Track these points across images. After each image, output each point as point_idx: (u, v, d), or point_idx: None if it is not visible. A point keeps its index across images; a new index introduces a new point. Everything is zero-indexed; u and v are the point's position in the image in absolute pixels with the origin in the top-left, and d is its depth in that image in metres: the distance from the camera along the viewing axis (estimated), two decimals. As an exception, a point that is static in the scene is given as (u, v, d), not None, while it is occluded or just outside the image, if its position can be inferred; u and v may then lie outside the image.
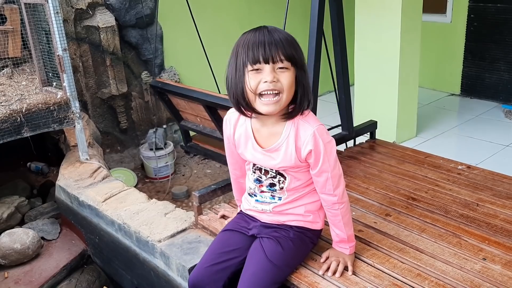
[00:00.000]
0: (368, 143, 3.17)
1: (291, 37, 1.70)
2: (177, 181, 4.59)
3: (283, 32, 1.70)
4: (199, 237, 2.34)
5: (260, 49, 1.64)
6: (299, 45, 1.71)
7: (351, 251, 1.93)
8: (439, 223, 2.20)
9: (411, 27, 4.27)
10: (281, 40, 1.65)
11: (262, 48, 1.64)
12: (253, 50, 1.64)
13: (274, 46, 1.64)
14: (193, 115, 3.81)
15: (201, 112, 3.62)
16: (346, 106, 3.05)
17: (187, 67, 4.91)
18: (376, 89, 4.54)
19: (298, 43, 1.71)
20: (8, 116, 2.95)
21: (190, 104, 3.67)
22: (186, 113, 3.84)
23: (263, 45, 1.64)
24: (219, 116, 3.31)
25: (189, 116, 3.89)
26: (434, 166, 2.76)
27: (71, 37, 4.23)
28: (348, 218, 1.88)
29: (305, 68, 1.73)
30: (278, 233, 1.90)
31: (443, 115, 5.17)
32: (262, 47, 1.64)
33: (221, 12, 5.06)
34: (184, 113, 3.83)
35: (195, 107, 3.67)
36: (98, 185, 3.03)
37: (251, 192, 1.97)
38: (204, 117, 3.55)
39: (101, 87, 4.53)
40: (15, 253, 2.92)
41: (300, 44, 1.73)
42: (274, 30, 1.68)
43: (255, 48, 1.65)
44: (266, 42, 1.64)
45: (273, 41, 1.65)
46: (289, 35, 1.70)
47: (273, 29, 1.69)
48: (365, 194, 2.50)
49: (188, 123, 3.91)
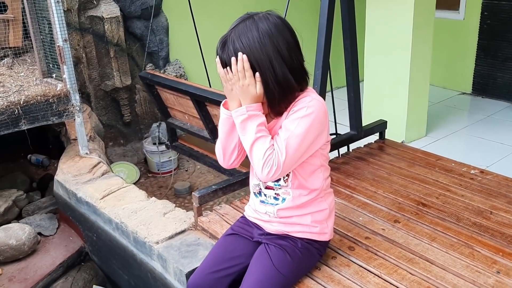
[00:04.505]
0: (377, 143, 3.06)
1: (265, 31, 1.56)
2: (180, 176, 4.50)
3: (261, 26, 1.57)
4: (198, 240, 2.25)
5: (219, 48, 1.62)
6: (280, 33, 1.58)
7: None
8: (451, 231, 2.09)
9: (423, 23, 4.14)
10: (240, 41, 1.57)
11: (221, 47, 1.61)
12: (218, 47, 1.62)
13: (227, 50, 1.60)
14: (182, 112, 3.67)
15: (190, 109, 3.47)
16: (355, 105, 2.94)
17: (193, 60, 4.78)
18: (386, 86, 4.42)
19: (279, 32, 1.58)
20: (5, 108, 2.86)
21: (179, 100, 3.52)
22: (175, 109, 3.70)
23: (223, 44, 1.61)
24: (208, 113, 3.19)
25: (177, 113, 3.75)
26: (446, 169, 2.65)
27: (74, 27, 4.14)
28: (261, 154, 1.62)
29: (274, 63, 1.57)
30: (284, 241, 1.80)
31: (453, 114, 5.04)
32: (222, 46, 1.61)
33: (227, 3, 4.93)
34: (173, 109, 3.69)
35: (184, 102, 3.52)
36: (97, 181, 2.94)
37: (256, 191, 1.86)
38: (193, 114, 3.41)
39: (105, 79, 4.44)
40: (10, 249, 2.85)
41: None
42: (253, 23, 1.58)
43: (218, 46, 1.62)
44: (227, 42, 1.60)
45: (230, 42, 1.59)
46: (267, 28, 1.57)
47: (254, 21, 1.59)
48: (373, 198, 2.39)
49: (175, 121, 3.77)
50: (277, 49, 1.58)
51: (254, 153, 1.63)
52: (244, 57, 1.56)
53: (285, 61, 1.59)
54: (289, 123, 1.62)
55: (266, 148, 1.61)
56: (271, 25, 1.59)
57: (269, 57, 1.57)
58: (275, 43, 1.57)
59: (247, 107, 1.62)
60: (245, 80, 1.59)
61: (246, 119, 1.62)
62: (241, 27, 1.59)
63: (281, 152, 1.60)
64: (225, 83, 1.66)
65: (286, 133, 1.61)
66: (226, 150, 1.79)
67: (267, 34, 1.57)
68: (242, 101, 1.63)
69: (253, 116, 1.62)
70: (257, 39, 1.57)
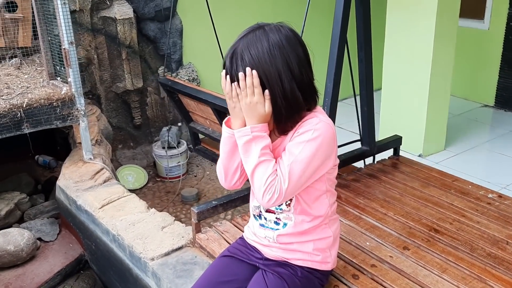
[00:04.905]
0: (390, 160, 2.91)
1: (276, 43, 1.45)
2: (189, 182, 4.41)
3: (272, 38, 1.45)
4: (195, 258, 2.14)
5: (227, 59, 1.49)
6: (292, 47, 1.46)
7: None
8: (463, 262, 1.95)
9: (446, 32, 3.98)
10: (249, 52, 1.44)
11: (229, 59, 1.48)
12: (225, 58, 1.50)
13: (235, 61, 1.47)
14: (203, 117, 3.64)
15: (210, 115, 3.44)
16: (368, 118, 2.80)
17: (206, 64, 4.70)
18: (405, 96, 4.26)
19: (290, 46, 1.46)
20: (7, 111, 2.80)
21: (200, 106, 3.48)
22: (196, 114, 3.66)
23: (231, 55, 1.48)
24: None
25: (198, 118, 3.71)
26: (462, 192, 2.49)
27: (86, 28, 4.08)
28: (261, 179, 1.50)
29: (283, 77, 1.45)
30: (283, 269, 1.68)
31: (474, 127, 4.84)
32: (230, 57, 1.48)
33: (244, 8, 4.83)
34: (194, 114, 3.64)
35: (204, 109, 3.49)
36: (98, 188, 2.85)
37: (256, 213, 1.75)
38: (213, 120, 3.36)
39: (116, 81, 4.37)
40: (8, 254, 2.79)
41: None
42: (263, 34, 1.46)
43: (226, 57, 1.49)
44: (234, 52, 1.47)
45: (238, 52, 1.46)
46: (278, 40, 1.45)
47: (265, 32, 1.46)
48: (383, 221, 2.25)
49: (197, 125, 3.73)
50: (287, 62, 1.46)
51: (256, 178, 1.51)
52: (254, 72, 1.44)
53: (294, 77, 1.47)
54: (293, 147, 1.49)
55: (269, 174, 1.48)
56: (283, 37, 1.47)
57: (278, 70, 1.45)
58: (285, 56, 1.46)
59: (251, 128, 1.49)
60: (253, 97, 1.47)
61: (250, 140, 1.50)
62: (250, 37, 1.47)
63: (284, 179, 1.48)
64: (229, 100, 1.53)
65: (290, 158, 1.48)
66: (228, 170, 1.67)
67: (278, 46, 1.45)
68: (248, 119, 1.50)
69: (258, 138, 1.50)
70: (267, 50, 1.45)
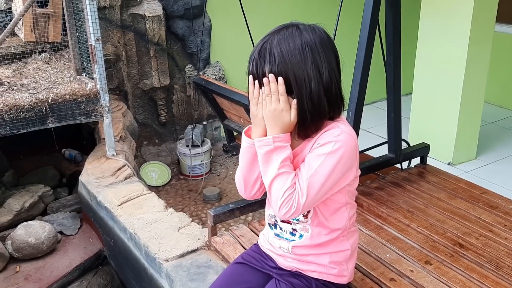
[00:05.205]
0: (417, 168, 2.82)
1: (309, 43, 1.39)
2: (211, 181, 4.39)
3: (305, 37, 1.40)
4: (210, 261, 2.11)
5: (256, 55, 1.43)
6: (324, 50, 1.41)
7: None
8: (488, 281, 1.85)
9: (481, 37, 3.83)
10: (279, 48, 1.39)
11: (257, 53, 1.42)
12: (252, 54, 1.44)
13: (263, 55, 1.41)
14: (237, 116, 3.65)
15: (244, 114, 3.44)
16: (394, 125, 2.72)
17: (233, 63, 4.67)
18: (436, 101, 4.13)
19: (323, 48, 1.41)
20: (33, 105, 2.82)
21: (233, 105, 3.49)
22: (230, 112, 3.69)
23: (259, 50, 1.42)
24: None
25: (232, 116, 3.73)
26: (490, 205, 2.39)
27: (116, 24, 4.10)
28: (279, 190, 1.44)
29: (312, 78, 1.39)
30: (297, 280, 1.63)
31: (508, 136, 4.66)
32: (258, 52, 1.42)
33: (275, 8, 4.78)
34: (228, 112, 3.67)
35: (238, 108, 3.50)
36: (119, 185, 2.86)
37: (271, 222, 1.70)
38: (247, 119, 3.36)
39: (143, 78, 4.39)
40: (28, 247, 2.82)
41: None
42: (297, 31, 1.41)
43: (254, 53, 1.43)
44: (263, 47, 1.42)
45: (268, 47, 1.40)
46: (311, 40, 1.40)
47: (299, 30, 1.41)
48: (405, 233, 2.17)
49: (231, 123, 3.75)
50: (317, 64, 1.40)
51: (274, 190, 1.46)
52: (280, 79, 1.39)
53: (323, 80, 1.41)
54: (313, 160, 1.43)
55: (287, 187, 1.43)
56: (317, 39, 1.41)
57: (307, 71, 1.39)
58: (316, 58, 1.40)
59: (274, 138, 1.43)
60: (279, 105, 1.41)
61: (271, 150, 1.44)
62: (283, 33, 1.42)
63: (302, 193, 1.42)
64: (253, 106, 1.47)
65: (309, 171, 1.42)
66: (247, 181, 1.62)
67: (310, 47, 1.40)
68: (270, 128, 1.44)
69: (280, 148, 1.44)
70: (299, 49, 1.39)
